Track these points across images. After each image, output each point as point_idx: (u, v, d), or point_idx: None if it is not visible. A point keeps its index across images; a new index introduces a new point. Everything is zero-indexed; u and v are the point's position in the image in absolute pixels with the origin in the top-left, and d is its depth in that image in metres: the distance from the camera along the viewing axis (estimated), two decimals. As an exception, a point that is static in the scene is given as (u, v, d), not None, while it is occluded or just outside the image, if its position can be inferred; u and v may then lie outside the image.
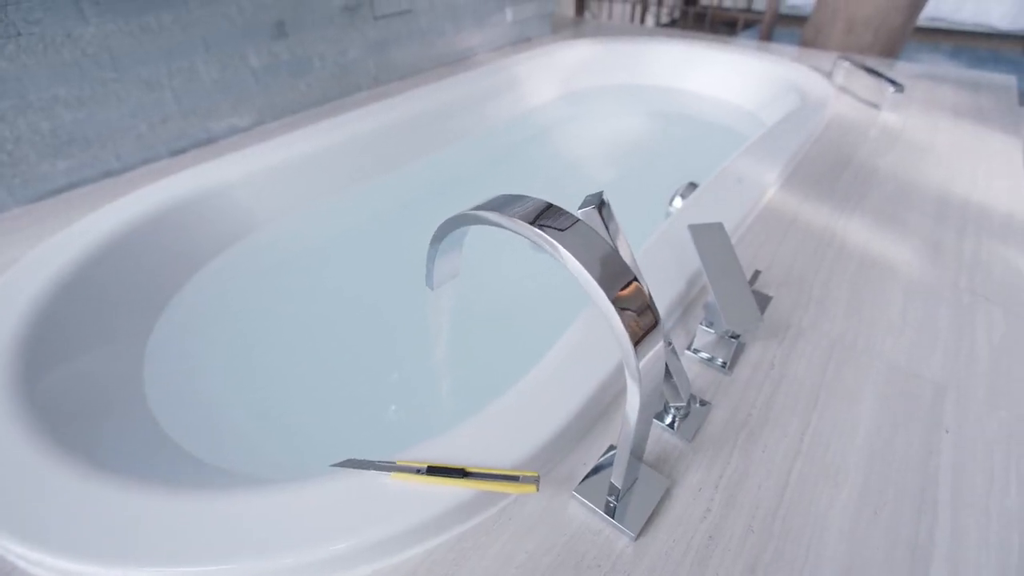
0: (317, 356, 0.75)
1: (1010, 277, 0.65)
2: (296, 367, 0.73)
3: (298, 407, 0.67)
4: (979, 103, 1.21)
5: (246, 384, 0.69)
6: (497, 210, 0.31)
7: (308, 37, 1.08)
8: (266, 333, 0.78)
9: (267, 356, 0.74)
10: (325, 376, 0.71)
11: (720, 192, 0.75)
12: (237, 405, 0.65)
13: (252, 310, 0.81)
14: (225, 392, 0.66)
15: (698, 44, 1.50)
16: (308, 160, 0.97)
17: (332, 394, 0.69)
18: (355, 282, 0.89)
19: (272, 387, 0.69)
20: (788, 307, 0.59)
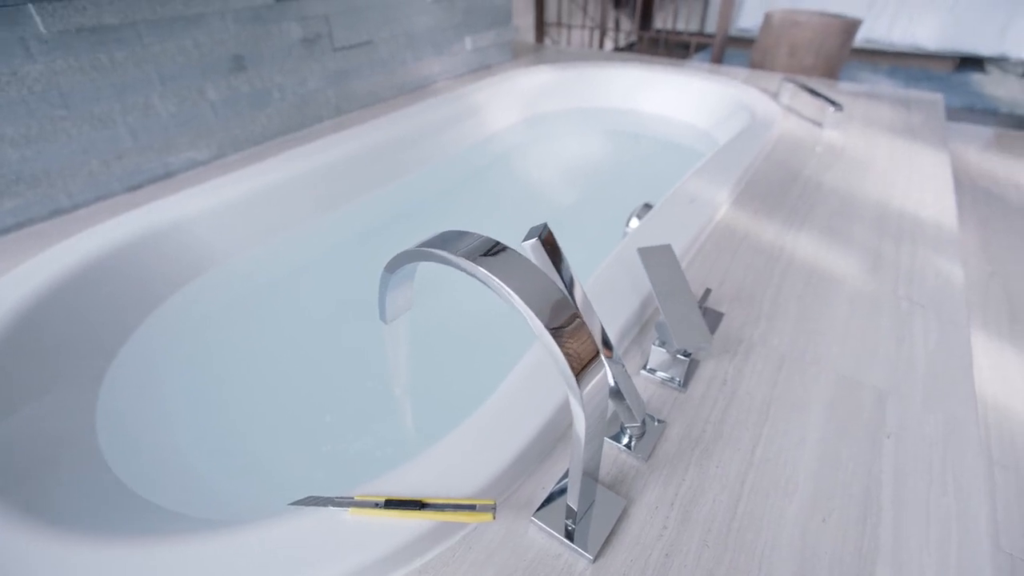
0: (277, 392, 0.74)
1: (941, 284, 0.69)
2: (255, 404, 0.71)
3: (258, 445, 0.66)
4: (911, 119, 1.29)
5: (204, 425, 0.67)
6: (441, 247, 0.32)
7: (267, 70, 1.08)
8: (225, 371, 0.76)
9: (226, 395, 0.72)
10: (285, 412, 0.70)
11: (674, 212, 0.78)
12: (196, 447, 0.63)
13: (210, 348, 0.79)
14: (183, 434, 0.65)
15: (653, 67, 1.56)
16: (269, 192, 0.97)
17: (292, 430, 0.68)
18: (316, 315, 0.88)
19: (231, 426, 0.68)
20: (740, 323, 0.61)
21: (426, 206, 1.22)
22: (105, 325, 0.71)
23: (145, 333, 0.74)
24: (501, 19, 1.62)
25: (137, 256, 0.77)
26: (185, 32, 0.93)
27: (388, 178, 1.18)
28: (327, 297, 0.93)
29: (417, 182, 1.23)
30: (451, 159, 1.30)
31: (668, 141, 1.46)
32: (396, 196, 1.19)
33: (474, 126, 1.36)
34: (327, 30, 1.17)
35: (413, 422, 0.68)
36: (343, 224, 1.09)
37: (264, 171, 0.98)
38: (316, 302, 0.92)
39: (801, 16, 1.93)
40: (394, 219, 1.16)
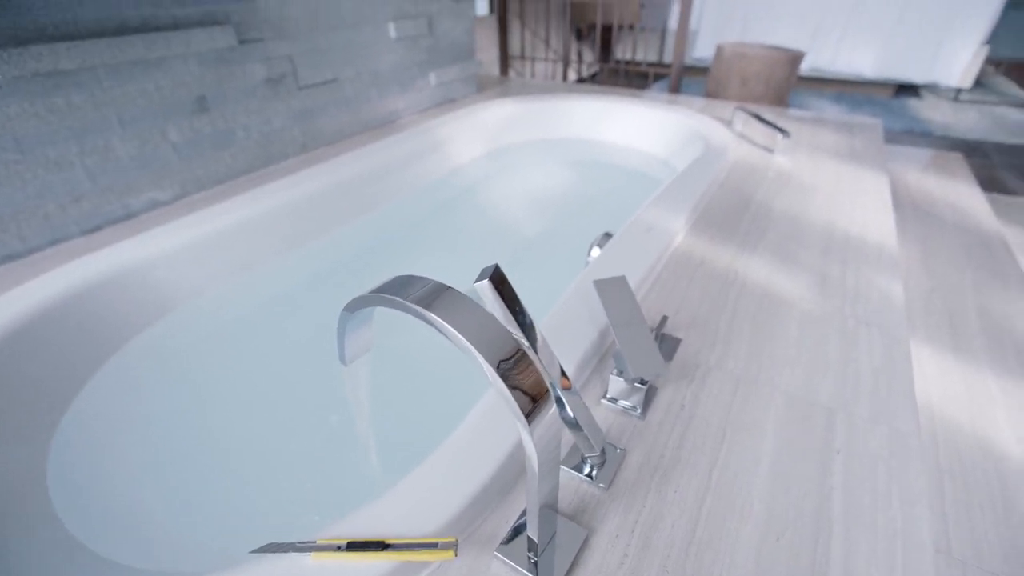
0: (238, 435, 0.72)
1: (884, 302, 0.73)
2: (216, 449, 0.70)
3: (218, 492, 0.64)
4: (853, 144, 1.37)
5: (163, 473, 0.66)
6: (393, 293, 0.33)
7: (231, 110, 1.09)
8: (184, 416, 0.74)
9: (185, 440, 0.71)
10: (247, 456, 0.69)
11: (633, 240, 0.81)
12: (153, 497, 0.61)
13: (170, 392, 0.78)
14: (140, 484, 0.63)
15: (613, 99, 1.62)
16: (233, 230, 0.97)
17: (254, 474, 0.66)
18: (280, 355, 0.87)
19: (191, 473, 0.66)
20: (696, 348, 0.63)
21: (394, 240, 1.23)
22: (59, 374, 0.69)
23: (102, 380, 0.72)
24: (464, 55, 1.67)
25: (93, 301, 0.75)
26: (146, 75, 0.94)
27: (355, 213, 1.19)
28: (293, 335, 0.93)
29: (384, 217, 1.24)
30: (417, 192, 1.32)
31: (629, 169, 1.51)
32: (363, 231, 1.20)
33: (439, 160, 1.39)
34: (292, 69, 1.19)
35: (376, 461, 0.67)
36: (310, 260, 1.09)
37: (228, 210, 0.98)
38: (281, 341, 0.91)
39: (750, 49, 2.04)
40: (362, 254, 1.16)
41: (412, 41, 1.47)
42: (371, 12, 1.32)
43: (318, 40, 1.22)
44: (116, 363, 0.76)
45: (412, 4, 1.44)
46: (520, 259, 1.20)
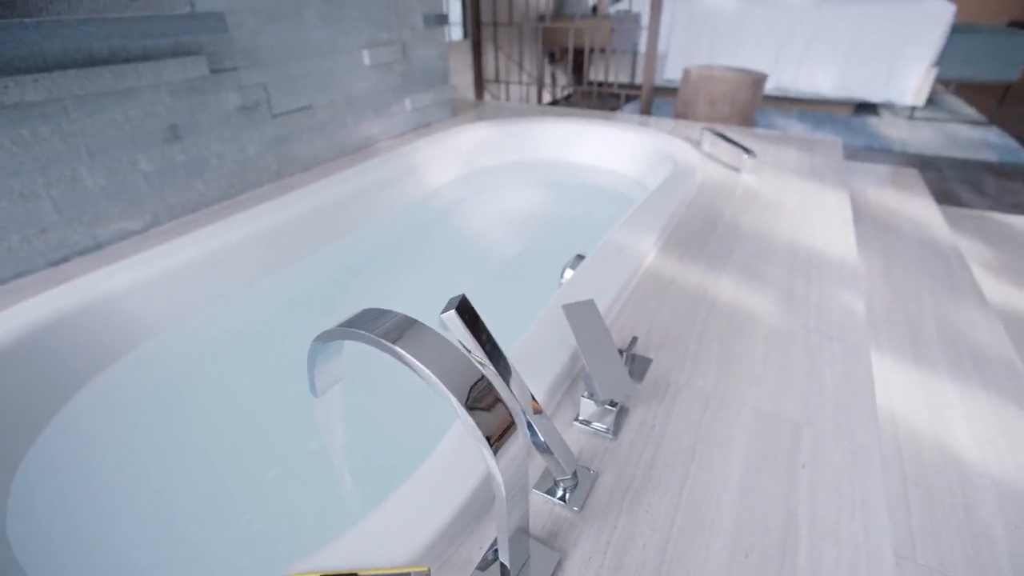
0: (210, 469, 0.71)
1: (845, 317, 0.76)
2: (187, 486, 0.68)
3: (189, 530, 0.63)
4: (815, 161, 1.43)
5: (130, 513, 0.64)
6: (360, 327, 0.33)
7: (204, 138, 1.09)
8: (154, 452, 0.73)
9: (158, 478, 0.69)
10: (218, 493, 0.68)
11: (604, 262, 0.82)
12: (119, 537, 0.60)
13: (139, 428, 0.76)
14: (105, 525, 0.61)
15: (585, 121, 1.66)
16: (207, 259, 0.96)
17: (226, 510, 0.65)
18: (256, 384, 0.86)
19: (160, 512, 0.64)
20: (667, 367, 0.65)
21: (371, 264, 1.23)
22: (22, 411, 0.67)
23: (68, 417, 0.70)
24: (439, 80, 1.70)
25: (59, 335, 0.74)
26: (116, 106, 0.94)
27: (331, 238, 1.19)
28: (269, 363, 0.92)
29: (360, 241, 1.25)
30: (394, 216, 1.33)
31: (602, 189, 1.54)
32: (340, 255, 1.20)
33: (415, 183, 1.40)
34: (265, 97, 1.19)
35: (353, 490, 0.67)
36: (287, 286, 1.08)
37: (202, 238, 0.97)
38: (257, 369, 0.90)
39: (715, 71, 2.12)
40: (339, 278, 1.16)
41: (387, 67, 1.50)
42: (345, 41, 1.34)
43: (292, 68, 1.23)
44: (84, 398, 0.74)
45: (386, 31, 1.47)
46: (496, 280, 1.21)
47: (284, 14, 1.19)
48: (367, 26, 1.40)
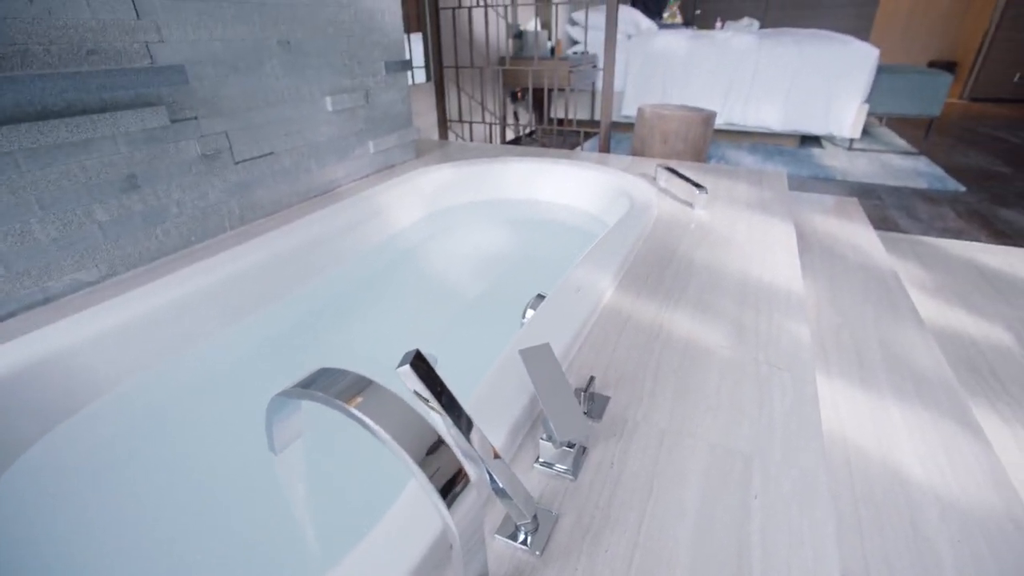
0: (170, 531, 0.68)
1: (793, 346, 0.80)
2: (140, 553, 0.65)
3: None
4: (763, 195, 1.51)
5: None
6: (316, 388, 0.35)
7: (163, 187, 1.09)
8: (108, 514, 0.70)
9: (108, 543, 0.66)
10: (175, 555, 0.65)
11: (564, 302, 0.85)
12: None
13: (89, 490, 0.73)
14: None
15: (546, 160, 1.72)
16: (165, 310, 0.95)
17: (183, 574, 0.63)
18: (214, 441, 0.84)
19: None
20: (625, 404, 0.67)
21: (336, 307, 1.23)
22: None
23: (11, 480, 0.67)
24: (402, 123, 1.74)
25: (1, 395, 0.71)
26: (71, 157, 0.93)
27: (296, 284, 1.19)
28: (230, 415, 0.90)
29: (325, 285, 1.25)
30: (358, 259, 1.34)
31: (563, 225, 1.59)
32: (305, 300, 1.19)
33: (379, 225, 1.42)
34: (227, 145, 1.20)
35: (312, 549, 0.65)
36: (249, 334, 1.07)
37: (160, 288, 0.96)
38: (218, 422, 0.88)
39: (667, 110, 2.24)
40: (303, 323, 1.15)
41: (350, 113, 1.53)
42: (308, 89, 1.37)
43: (254, 116, 1.25)
44: (29, 460, 0.71)
45: (349, 79, 1.50)
46: (461, 320, 1.22)
47: (246, 65, 1.21)
48: (329, 74, 1.43)
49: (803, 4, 6.19)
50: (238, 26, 1.18)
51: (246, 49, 1.20)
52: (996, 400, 1.20)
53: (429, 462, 0.31)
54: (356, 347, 1.15)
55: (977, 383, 1.26)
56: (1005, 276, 1.79)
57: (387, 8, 1.60)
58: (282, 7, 1.27)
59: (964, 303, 1.62)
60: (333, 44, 1.43)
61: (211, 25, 1.12)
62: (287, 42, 1.30)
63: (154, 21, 1.02)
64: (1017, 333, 1.46)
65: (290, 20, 1.29)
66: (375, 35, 1.57)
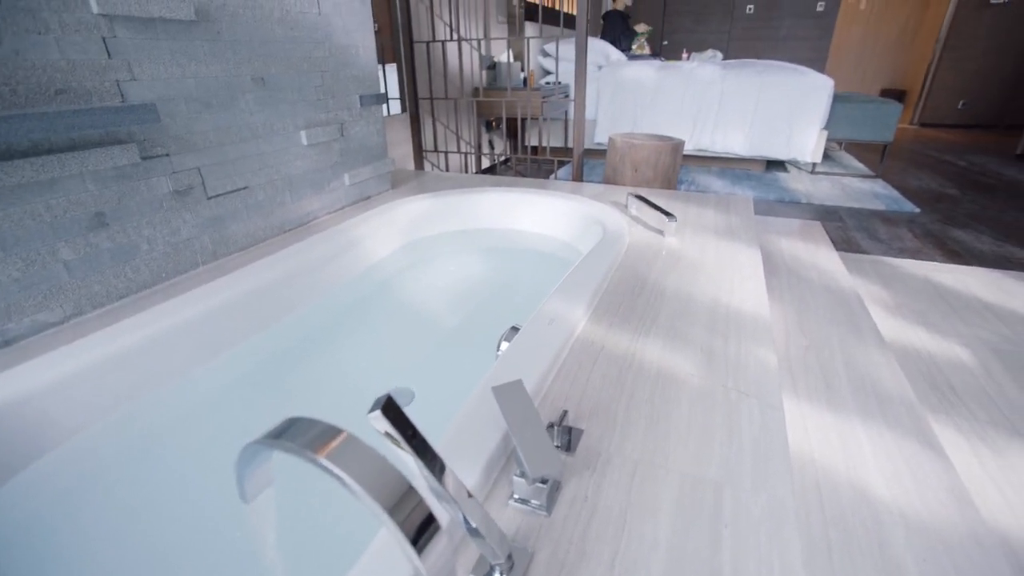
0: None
1: (760, 372, 0.82)
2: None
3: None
4: (730, 221, 1.57)
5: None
6: (286, 438, 0.35)
7: (133, 223, 1.07)
8: (76, 565, 0.67)
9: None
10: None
11: (537, 333, 0.86)
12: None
13: (52, 540, 0.70)
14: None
15: (521, 190, 1.76)
16: (134, 350, 0.93)
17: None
18: (187, 485, 0.82)
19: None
20: (598, 436, 0.68)
21: (313, 341, 1.22)
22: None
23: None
24: (377, 155, 1.76)
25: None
26: (36, 197, 0.92)
27: (271, 318, 1.18)
28: (205, 457, 0.88)
29: (301, 319, 1.24)
30: (335, 291, 1.33)
31: (538, 254, 1.62)
32: (281, 335, 1.18)
33: (355, 258, 1.42)
34: (200, 180, 1.20)
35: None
36: (223, 372, 1.05)
37: (128, 328, 0.94)
38: (191, 465, 0.86)
39: (637, 139, 2.31)
40: (280, 358, 1.14)
41: (325, 146, 1.54)
42: (282, 124, 1.38)
43: (228, 152, 1.25)
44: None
45: (324, 113, 1.52)
46: (438, 352, 1.22)
47: (220, 102, 1.22)
48: (304, 108, 1.45)
49: (762, 37, 6.51)
50: (212, 64, 1.19)
51: (219, 86, 1.21)
52: (955, 415, 1.25)
53: (400, 510, 0.32)
54: (333, 381, 1.14)
55: (937, 399, 1.30)
56: (959, 294, 1.88)
57: (361, 44, 1.63)
58: (256, 45, 1.28)
59: (923, 321, 1.69)
60: (308, 79, 1.45)
61: (184, 63, 1.13)
62: (261, 78, 1.31)
63: (126, 60, 1.03)
64: (972, 349, 1.52)
65: (264, 57, 1.31)
66: (350, 69, 1.60)
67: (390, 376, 1.15)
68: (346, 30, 1.57)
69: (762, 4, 6.40)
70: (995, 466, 1.10)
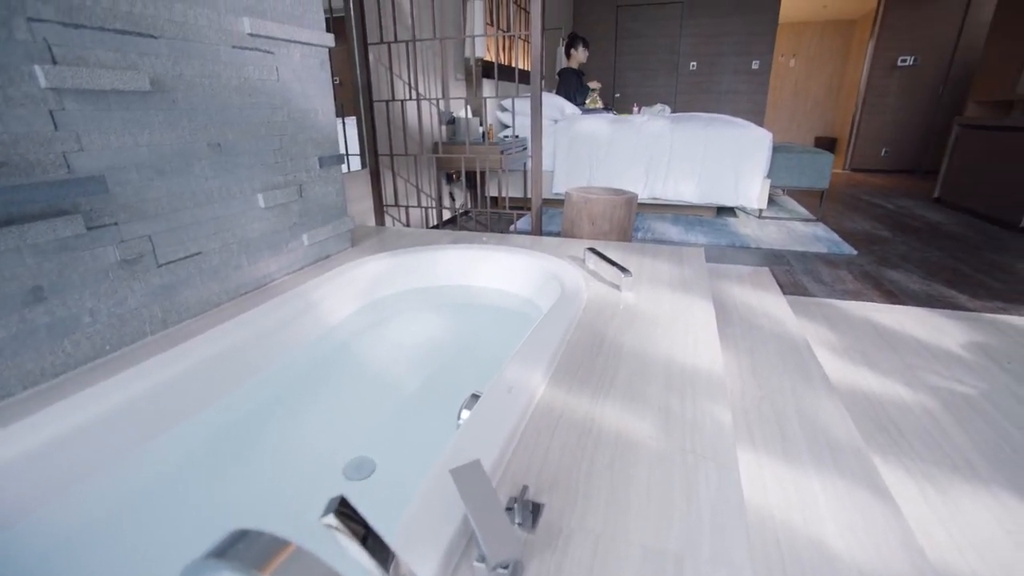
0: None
1: (716, 431, 0.85)
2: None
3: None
4: (683, 273, 1.63)
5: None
6: (231, 556, 0.34)
7: (75, 296, 1.03)
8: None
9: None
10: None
11: (497, 402, 0.86)
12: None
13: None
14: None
15: (481, 247, 1.78)
16: (70, 434, 0.87)
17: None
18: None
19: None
20: (559, 510, 0.67)
21: (271, 408, 1.18)
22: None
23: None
24: (336, 214, 1.77)
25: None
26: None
27: (226, 388, 1.13)
28: (149, 545, 0.82)
29: (258, 386, 1.20)
30: (294, 356, 1.30)
31: (498, 310, 1.63)
32: (237, 404, 1.14)
33: (314, 320, 1.40)
34: (151, 248, 1.17)
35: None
36: (173, 448, 1.00)
37: (60, 413, 0.89)
38: (135, 554, 0.80)
39: (593, 193, 2.41)
40: (235, 430, 1.09)
41: (283, 208, 1.54)
42: (239, 188, 1.38)
43: (182, 217, 1.23)
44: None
45: (282, 175, 1.52)
46: (398, 417, 1.20)
47: (174, 168, 1.21)
48: (262, 172, 1.45)
49: (705, 91, 7.00)
50: (166, 132, 1.19)
51: (174, 153, 1.20)
52: (902, 456, 1.30)
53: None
54: (293, 450, 1.10)
55: (885, 440, 1.36)
56: (897, 334, 1.99)
57: (320, 108, 1.67)
58: (213, 112, 1.29)
59: (867, 361, 1.78)
60: (266, 143, 1.46)
61: (137, 132, 1.12)
62: (218, 144, 1.31)
63: (74, 131, 1.01)
64: (912, 388, 1.61)
65: (221, 124, 1.32)
66: (309, 132, 1.62)
67: (351, 444, 1.12)
68: (305, 95, 1.60)
69: (704, 61, 6.91)
70: (941, 505, 1.15)
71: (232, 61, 1.33)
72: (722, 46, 6.78)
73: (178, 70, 1.20)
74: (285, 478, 1.04)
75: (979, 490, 1.19)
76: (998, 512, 1.12)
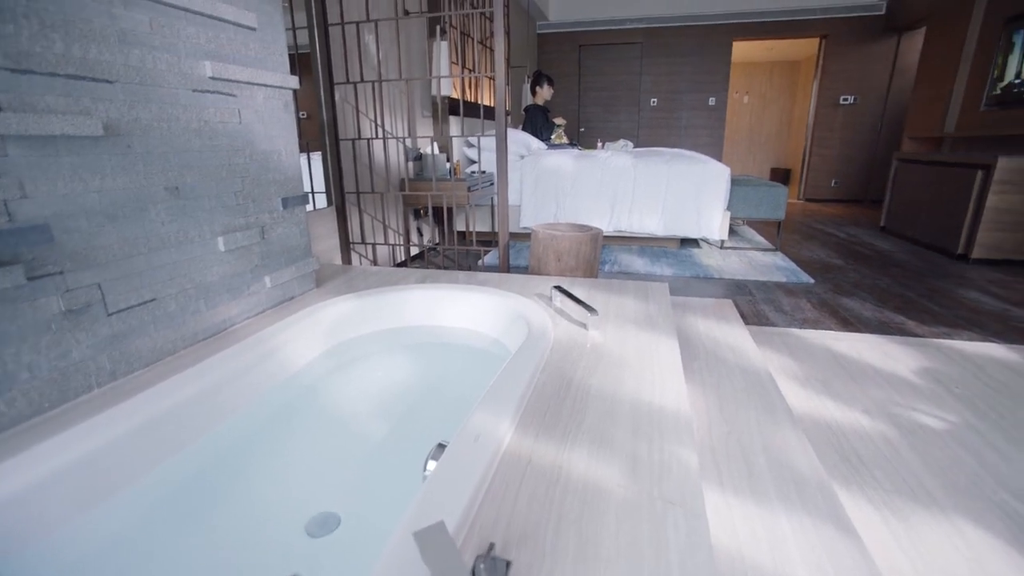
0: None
1: (683, 475, 0.85)
2: None
3: None
4: (648, 309, 1.66)
5: None
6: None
7: (11, 351, 0.97)
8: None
9: None
10: None
11: (463, 451, 0.85)
12: None
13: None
14: None
15: (447, 287, 1.78)
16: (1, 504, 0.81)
17: None
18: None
19: None
20: (527, 566, 0.66)
21: (232, 460, 1.12)
22: None
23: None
24: (300, 255, 1.74)
25: None
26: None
27: (182, 441, 1.07)
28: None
29: (218, 437, 1.14)
30: (255, 404, 1.25)
31: (466, 349, 1.62)
32: (195, 457, 1.08)
33: (276, 366, 1.35)
34: (99, 296, 1.12)
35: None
36: (122, 511, 0.93)
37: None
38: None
39: (558, 229, 2.45)
40: (195, 483, 1.03)
41: (244, 250, 1.50)
42: (198, 231, 1.34)
43: (135, 263, 1.19)
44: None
45: (243, 217, 1.50)
46: (364, 467, 1.16)
47: (127, 214, 1.17)
48: (222, 214, 1.42)
49: (666, 126, 7.30)
50: (119, 176, 1.15)
51: (128, 198, 1.17)
52: (864, 485, 1.33)
53: None
54: (255, 505, 1.04)
55: (847, 469, 1.39)
56: (853, 361, 2.07)
57: (283, 148, 1.65)
58: (171, 156, 1.27)
59: (827, 390, 1.83)
60: (227, 186, 1.43)
61: (87, 177, 1.09)
62: (176, 188, 1.28)
63: (17, 179, 0.97)
64: (871, 415, 1.66)
65: (179, 167, 1.29)
66: (271, 173, 1.60)
67: (314, 498, 1.07)
68: (268, 136, 1.59)
69: (664, 98, 7.23)
70: (903, 532, 1.17)
71: (192, 104, 1.32)
72: (680, 84, 7.13)
73: (134, 114, 1.17)
74: (245, 536, 0.99)
75: (937, 516, 1.22)
76: (955, 540, 1.15)
